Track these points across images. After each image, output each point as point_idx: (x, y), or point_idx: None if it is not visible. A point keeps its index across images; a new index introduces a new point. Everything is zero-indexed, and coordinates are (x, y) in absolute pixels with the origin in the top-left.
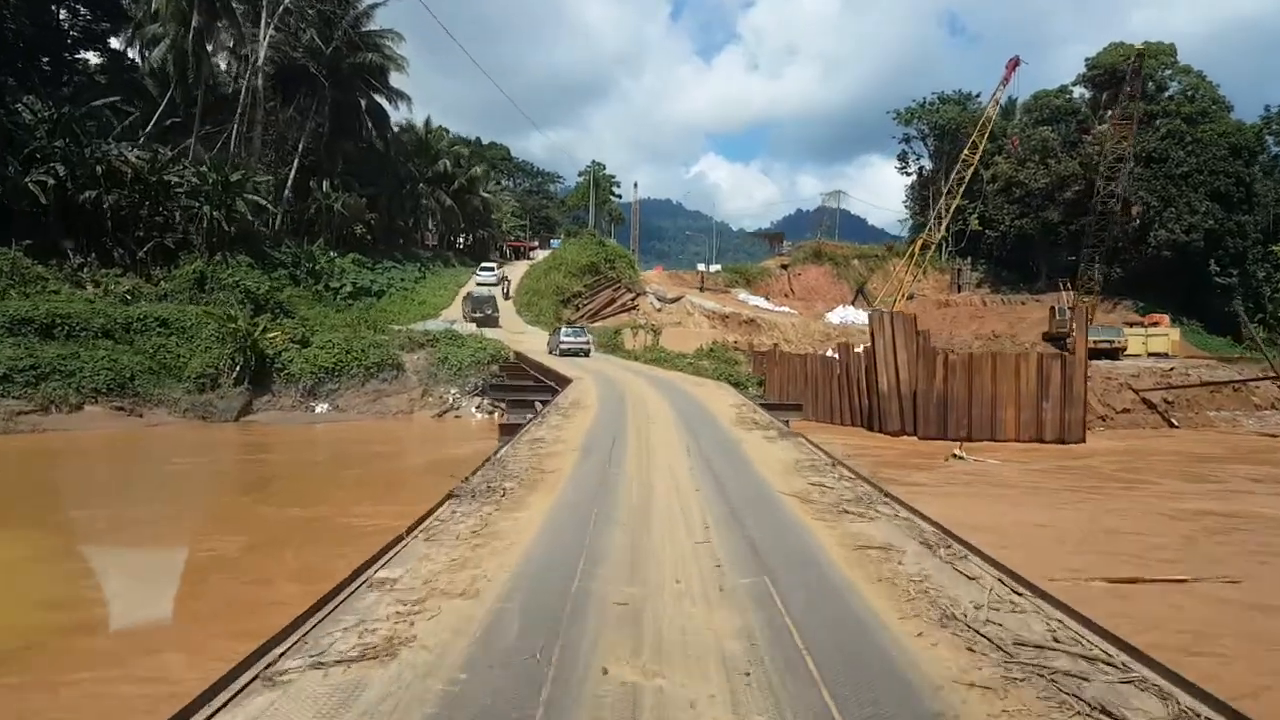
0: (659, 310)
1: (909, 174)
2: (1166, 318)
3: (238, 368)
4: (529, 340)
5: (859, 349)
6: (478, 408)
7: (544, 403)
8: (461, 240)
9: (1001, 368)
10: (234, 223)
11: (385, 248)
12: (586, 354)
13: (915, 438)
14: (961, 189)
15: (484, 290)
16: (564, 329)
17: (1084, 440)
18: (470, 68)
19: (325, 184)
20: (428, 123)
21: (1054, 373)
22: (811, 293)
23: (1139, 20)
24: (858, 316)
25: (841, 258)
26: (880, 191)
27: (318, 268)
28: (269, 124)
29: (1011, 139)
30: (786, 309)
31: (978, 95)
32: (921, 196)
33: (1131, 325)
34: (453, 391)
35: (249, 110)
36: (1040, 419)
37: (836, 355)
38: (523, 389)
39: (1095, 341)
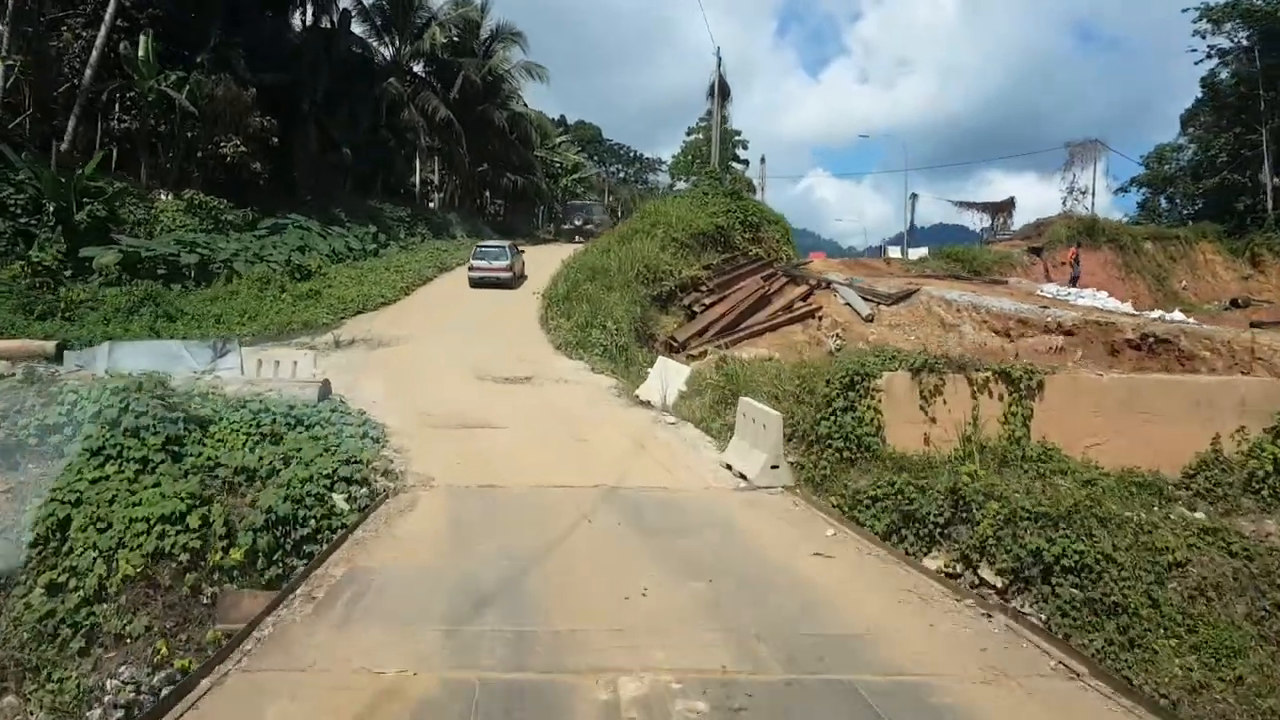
0: (866, 320)
1: (1211, 106)
2: None
3: None
4: (536, 395)
5: None
6: None
7: None
8: (494, 201)
9: None
10: None
11: (316, 198)
12: (510, 285)
13: None
14: None
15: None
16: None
17: None
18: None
19: (146, 45)
20: None
21: None
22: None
23: None
24: None
25: (1129, 239)
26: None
27: (82, 216)
28: None
29: None
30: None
31: None
32: (1233, 133)
33: None
34: None
35: None
36: None
37: None
38: None
39: None
